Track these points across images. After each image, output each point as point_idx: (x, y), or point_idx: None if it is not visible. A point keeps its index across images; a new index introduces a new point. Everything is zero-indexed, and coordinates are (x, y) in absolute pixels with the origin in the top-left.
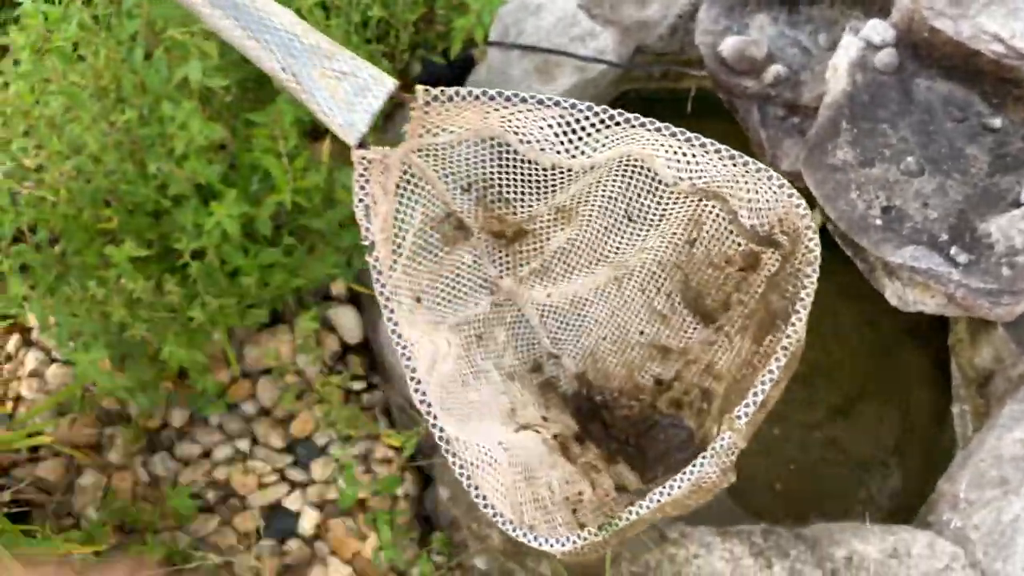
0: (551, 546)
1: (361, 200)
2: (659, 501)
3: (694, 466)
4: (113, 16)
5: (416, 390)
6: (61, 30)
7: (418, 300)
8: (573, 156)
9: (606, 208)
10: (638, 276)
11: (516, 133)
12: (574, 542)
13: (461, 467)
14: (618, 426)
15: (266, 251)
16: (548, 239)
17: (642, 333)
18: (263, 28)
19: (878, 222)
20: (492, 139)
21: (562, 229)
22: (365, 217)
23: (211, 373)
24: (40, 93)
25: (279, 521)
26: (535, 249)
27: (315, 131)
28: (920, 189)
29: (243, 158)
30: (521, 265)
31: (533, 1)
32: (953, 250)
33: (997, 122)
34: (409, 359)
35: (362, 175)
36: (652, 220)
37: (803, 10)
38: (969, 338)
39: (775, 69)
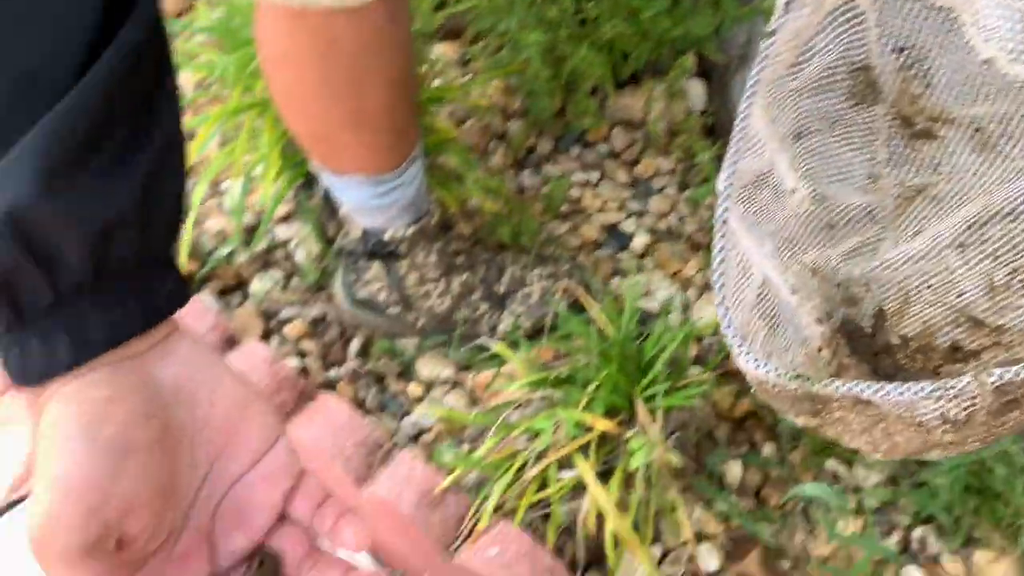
0: (754, 364)
1: None
2: (860, 391)
3: (911, 388)
4: None
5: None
6: None
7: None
8: (1012, 59)
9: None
10: (994, 241)
11: (973, 9)
12: (771, 371)
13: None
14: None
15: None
16: (951, 156)
17: (960, 295)
18: None
19: None
20: (947, 8)
21: (971, 154)
22: (785, 6)
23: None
24: None
25: (615, 238)
26: (932, 161)
27: None
28: None
29: None
30: (911, 171)
31: None
32: None
33: None
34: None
35: None
36: None
37: None
38: None
39: None
